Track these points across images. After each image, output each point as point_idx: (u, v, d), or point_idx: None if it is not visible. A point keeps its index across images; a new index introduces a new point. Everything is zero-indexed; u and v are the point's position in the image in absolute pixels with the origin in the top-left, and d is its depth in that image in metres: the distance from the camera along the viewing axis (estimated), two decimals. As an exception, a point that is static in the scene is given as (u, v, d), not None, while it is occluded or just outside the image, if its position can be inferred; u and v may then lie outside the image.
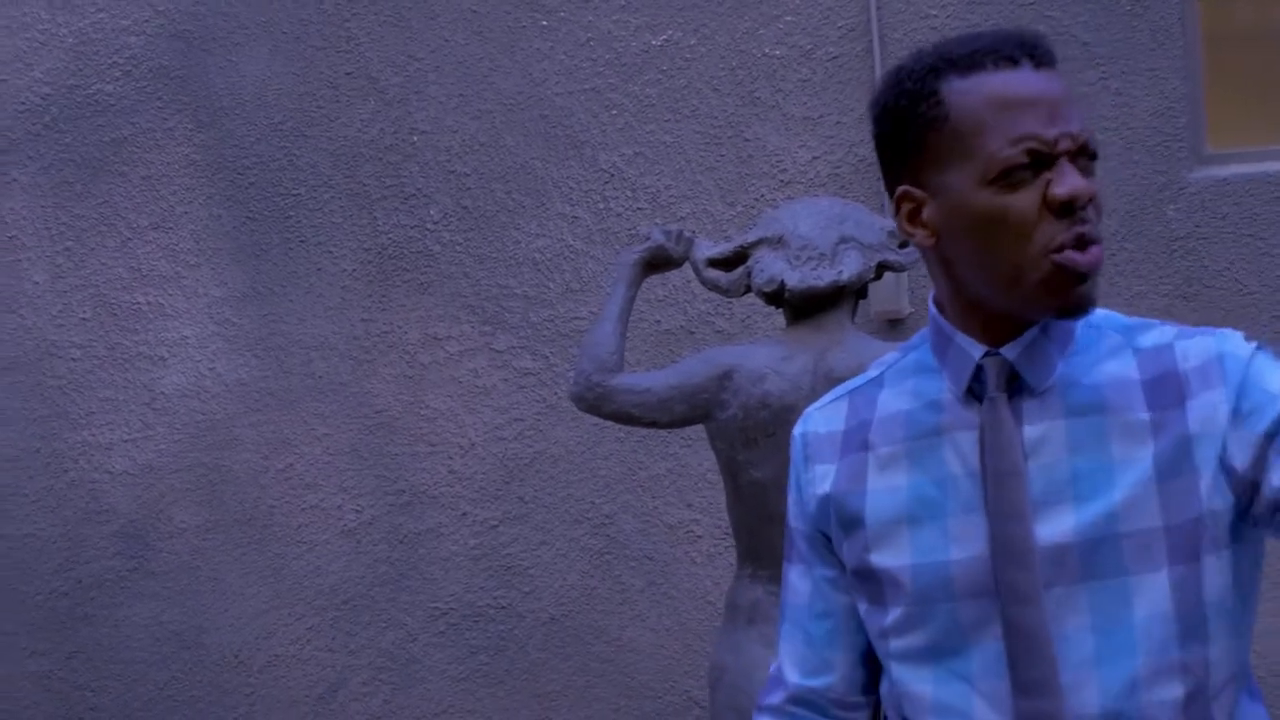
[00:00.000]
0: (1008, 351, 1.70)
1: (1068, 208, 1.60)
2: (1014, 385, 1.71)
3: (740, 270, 3.78)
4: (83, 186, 6.29)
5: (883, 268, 3.72)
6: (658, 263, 3.88)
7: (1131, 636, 1.63)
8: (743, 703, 3.59)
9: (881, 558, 1.75)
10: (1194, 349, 1.68)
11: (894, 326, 5.77)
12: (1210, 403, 1.65)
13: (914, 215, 1.71)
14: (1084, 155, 1.64)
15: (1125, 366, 1.70)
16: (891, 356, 1.86)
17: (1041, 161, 1.62)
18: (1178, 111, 5.66)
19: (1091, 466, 1.66)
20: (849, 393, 1.87)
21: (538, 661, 6.05)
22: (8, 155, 6.33)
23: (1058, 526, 1.65)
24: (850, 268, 3.62)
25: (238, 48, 6.18)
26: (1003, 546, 1.66)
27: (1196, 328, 1.72)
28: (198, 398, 6.21)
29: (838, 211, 3.69)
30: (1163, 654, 1.62)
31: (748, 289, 3.78)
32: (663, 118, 5.93)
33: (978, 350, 1.72)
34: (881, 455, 1.78)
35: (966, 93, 1.65)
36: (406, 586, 6.11)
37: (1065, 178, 1.61)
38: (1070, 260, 1.60)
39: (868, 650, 1.90)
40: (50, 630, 6.34)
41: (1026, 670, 1.64)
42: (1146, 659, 1.62)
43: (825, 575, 1.88)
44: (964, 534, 1.70)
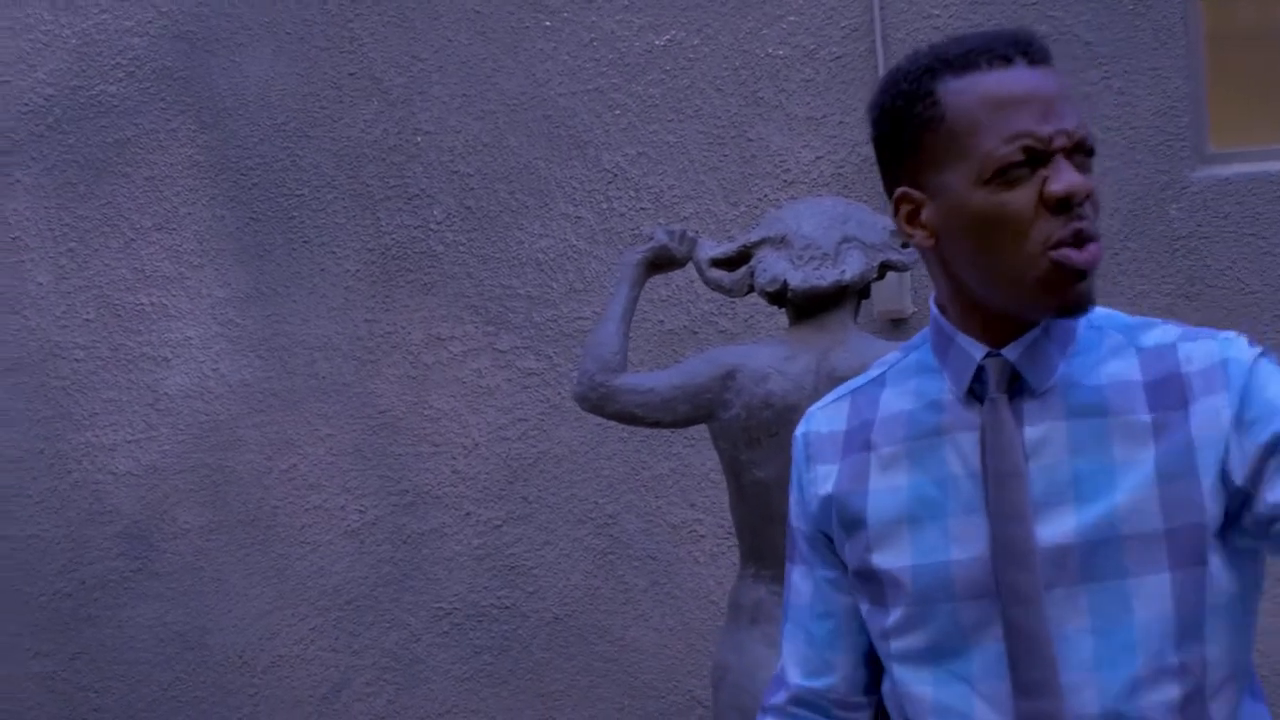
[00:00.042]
0: (1009, 352, 1.70)
1: (1065, 204, 1.60)
2: (1015, 386, 1.71)
3: (743, 270, 3.77)
4: (86, 187, 6.28)
5: (885, 267, 3.70)
6: (661, 263, 3.87)
7: (1131, 638, 1.63)
8: (746, 702, 3.58)
9: (883, 558, 1.75)
10: (1198, 352, 1.68)
11: (897, 326, 5.75)
12: (1213, 408, 1.64)
13: (913, 216, 1.71)
14: (1080, 151, 1.64)
15: (1128, 367, 1.69)
16: (893, 356, 1.85)
17: (1037, 159, 1.62)
18: (1180, 111, 5.64)
19: (1092, 468, 1.66)
20: (851, 392, 1.87)
21: (541, 661, 6.04)
22: (11, 156, 6.32)
23: (1058, 528, 1.65)
24: (853, 267, 3.61)
25: (241, 48, 6.17)
26: (1003, 547, 1.66)
27: (1201, 329, 1.72)
28: (201, 398, 6.21)
29: (840, 211, 3.68)
30: (1162, 656, 1.62)
31: (751, 289, 3.77)
32: (666, 118, 5.92)
33: (979, 351, 1.72)
34: (883, 455, 1.78)
35: (961, 92, 1.65)
36: (410, 587, 6.10)
37: (1061, 174, 1.60)
38: (1067, 258, 1.60)
39: (870, 650, 1.89)
40: (54, 631, 6.33)
41: (1027, 671, 1.64)
42: (1146, 660, 1.62)
43: (826, 576, 1.88)
44: (965, 535, 1.70)
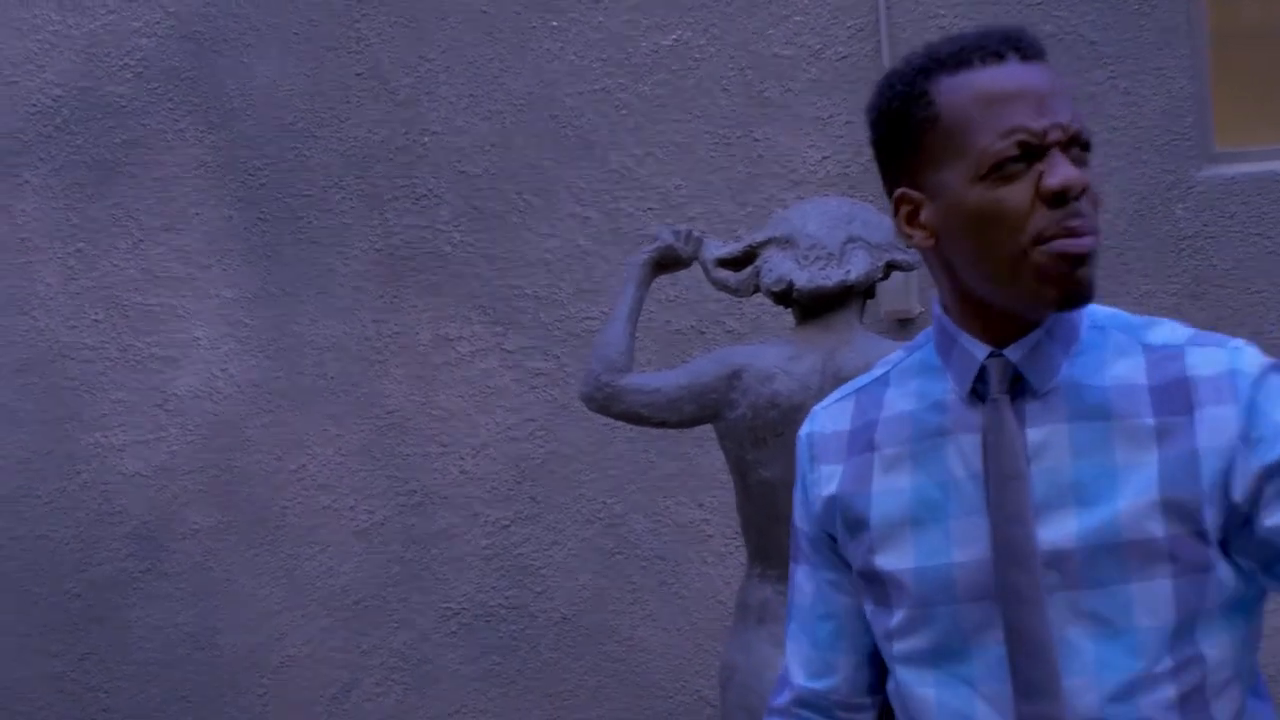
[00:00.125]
0: (1011, 353, 1.70)
1: (1060, 198, 1.60)
2: (1018, 386, 1.70)
3: (749, 270, 3.77)
4: (94, 188, 6.27)
5: (891, 267, 3.69)
6: (667, 263, 3.88)
7: (1133, 643, 1.63)
8: (753, 702, 3.59)
9: (886, 560, 1.75)
10: (1206, 359, 1.67)
11: (903, 326, 5.75)
12: (1220, 418, 1.63)
13: (912, 217, 1.72)
14: (1076, 145, 1.64)
15: (1133, 367, 1.69)
16: (896, 355, 1.85)
17: (1032, 153, 1.62)
18: (1185, 110, 5.63)
19: (1095, 472, 1.65)
20: (855, 392, 1.86)
21: (549, 661, 6.04)
22: (19, 157, 6.32)
23: (1060, 531, 1.65)
24: (858, 267, 3.61)
25: (249, 49, 6.17)
26: (1004, 549, 1.65)
27: (1210, 334, 1.71)
28: (210, 399, 6.21)
29: (846, 211, 3.68)
30: (1163, 659, 1.62)
31: (756, 289, 3.77)
32: (673, 118, 5.92)
33: (981, 351, 1.71)
34: (886, 456, 1.78)
35: (955, 91, 1.65)
36: (419, 587, 6.10)
37: (1057, 168, 1.61)
38: (1063, 246, 1.60)
39: (873, 651, 1.90)
40: (63, 632, 6.32)
41: (1027, 673, 1.64)
42: (1147, 664, 1.62)
43: (828, 578, 1.88)
44: (966, 537, 1.70)
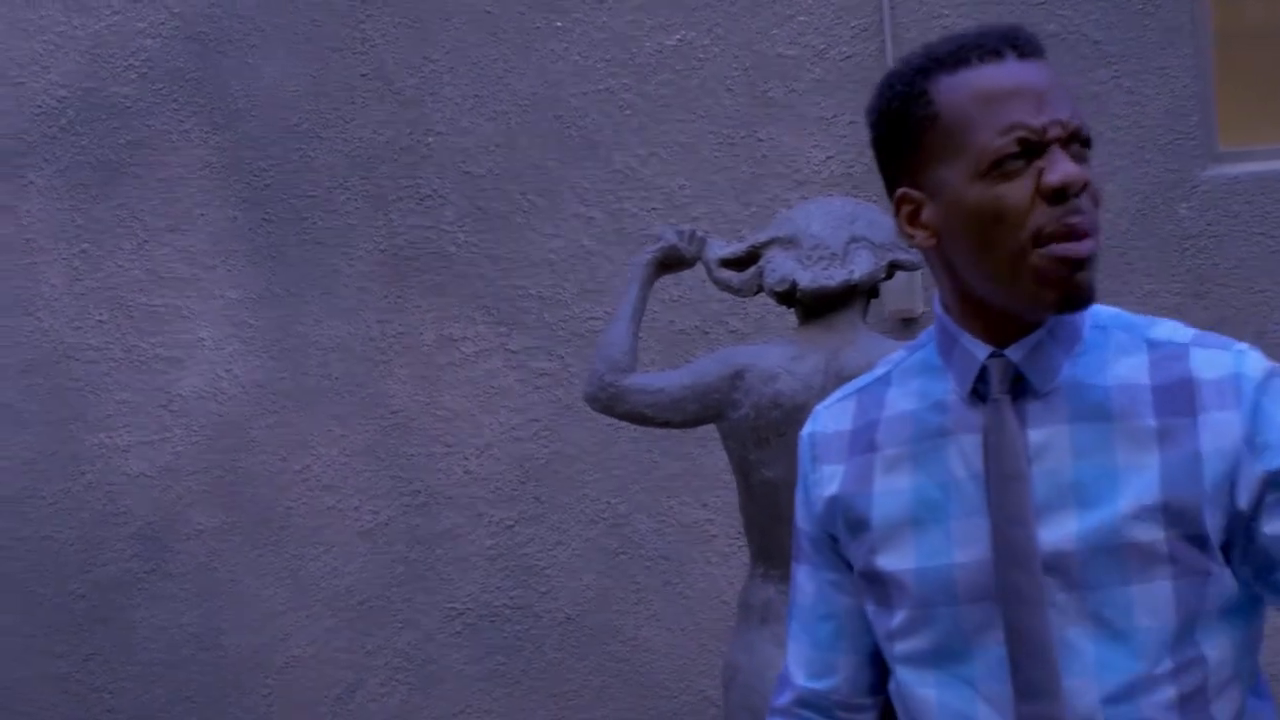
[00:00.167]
0: (1012, 353, 1.70)
1: (1061, 194, 1.60)
2: (1019, 387, 1.70)
3: (752, 270, 3.78)
4: (99, 189, 6.28)
5: (894, 267, 3.69)
6: (670, 263, 3.89)
7: (1133, 644, 1.63)
8: (756, 702, 3.60)
9: (887, 560, 1.75)
10: (1210, 361, 1.67)
11: (907, 326, 5.76)
12: (1224, 423, 1.64)
13: (914, 217, 1.72)
14: (1076, 142, 1.64)
15: (1136, 366, 1.69)
16: (898, 355, 1.85)
17: (1032, 150, 1.62)
18: (1189, 110, 5.64)
19: (1095, 473, 1.65)
20: (857, 391, 1.87)
21: (554, 661, 6.05)
22: (24, 158, 6.33)
23: (1060, 532, 1.65)
24: (861, 267, 3.62)
25: (253, 50, 6.18)
26: (1005, 550, 1.66)
27: (1214, 335, 1.72)
28: (214, 399, 6.22)
29: (849, 211, 3.69)
30: (1163, 660, 1.63)
31: (760, 289, 3.77)
32: (677, 118, 5.93)
33: (982, 351, 1.71)
34: (888, 457, 1.78)
35: (954, 89, 1.66)
36: (423, 587, 6.11)
37: (1057, 165, 1.61)
38: (1063, 250, 1.60)
39: (874, 651, 1.90)
40: (68, 632, 6.33)
41: (1027, 674, 1.64)
42: (1147, 665, 1.63)
43: (829, 578, 1.89)
44: (967, 538, 1.70)
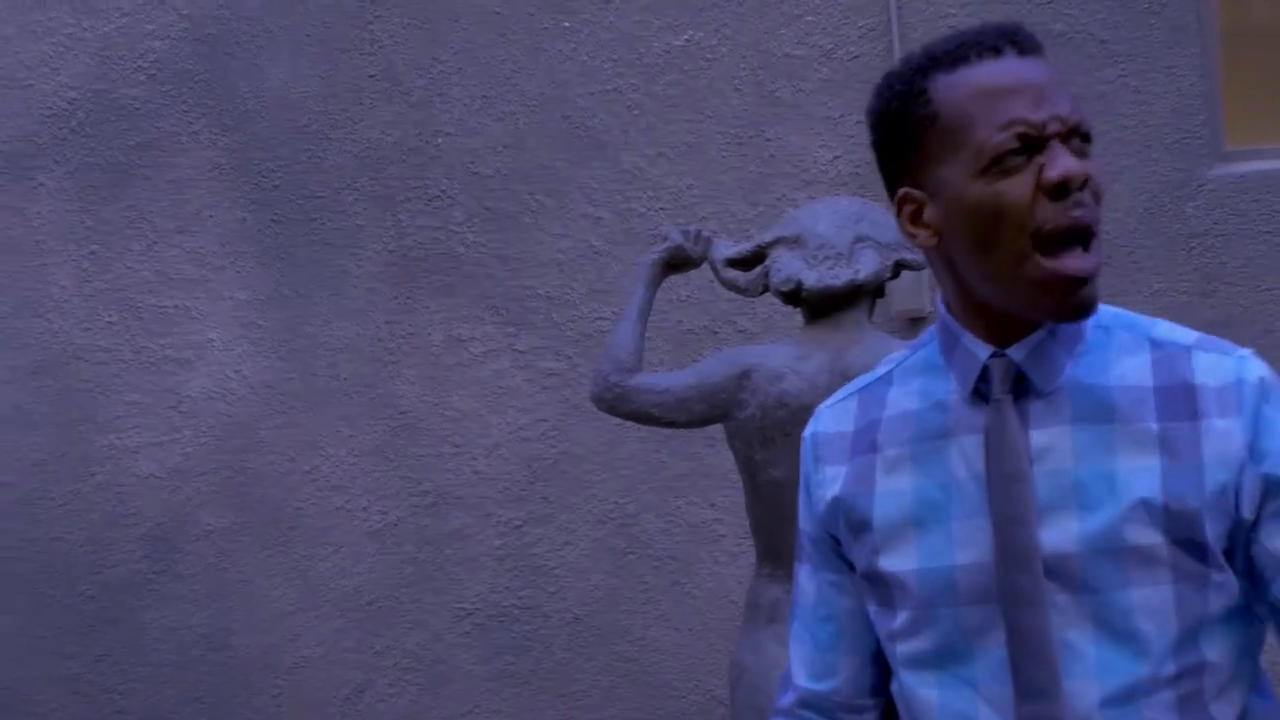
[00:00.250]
0: (1014, 353, 1.70)
1: (1062, 189, 1.61)
2: (1021, 386, 1.71)
3: (758, 270, 3.79)
4: (108, 190, 6.32)
5: (900, 266, 3.72)
6: (677, 263, 3.91)
7: (1134, 646, 1.63)
8: (762, 702, 3.61)
9: (889, 561, 1.76)
10: (1212, 366, 1.68)
11: (915, 325, 5.78)
12: (1225, 431, 1.65)
13: (915, 216, 1.72)
14: (1076, 137, 1.64)
15: (1139, 367, 1.70)
16: (900, 354, 1.86)
17: (1032, 145, 1.63)
18: (1196, 109, 5.65)
19: (1096, 475, 1.66)
20: (859, 391, 1.87)
21: (563, 661, 6.06)
22: (34, 160, 6.36)
23: (1061, 534, 1.65)
24: (867, 267, 3.63)
25: (262, 51, 6.22)
26: (1006, 550, 1.66)
27: (1216, 339, 1.72)
28: (224, 400, 6.25)
29: (855, 211, 3.70)
30: (1164, 663, 1.63)
31: (765, 289, 3.79)
32: (685, 118, 5.95)
33: (984, 351, 1.72)
34: (889, 457, 1.78)
35: (953, 87, 1.66)
36: (432, 587, 6.14)
37: (1057, 160, 1.61)
38: (1066, 269, 1.61)
39: (875, 652, 1.90)
40: (78, 633, 6.36)
41: (1028, 675, 1.65)
42: (1148, 667, 1.63)
43: (830, 579, 1.89)
44: (968, 539, 1.70)
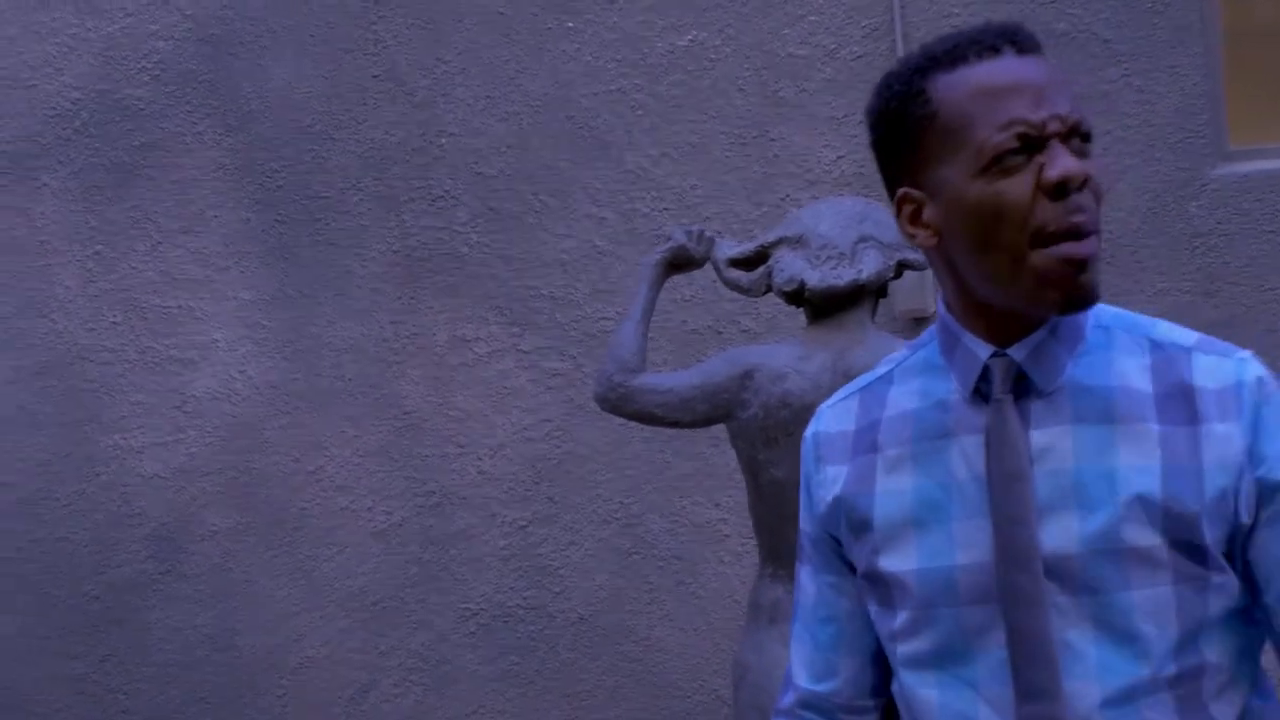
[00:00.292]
0: (1015, 352, 1.70)
1: (1061, 189, 1.61)
2: (1022, 386, 1.71)
3: (761, 270, 3.80)
4: (112, 191, 6.33)
5: (903, 266, 3.72)
6: (679, 263, 3.92)
7: (1134, 647, 1.64)
8: (765, 702, 3.62)
9: (889, 561, 1.76)
10: (1212, 368, 1.69)
11: (919, 325, 5.78)
12: (1225, 435, 1.65)
13: (915, 216, 1.72)
14: (1076, 136, 1.64)
15: (1139, 368, 1.70)
16: (901, 353, 1.86)
17: (1033, 145, 1.62)
18: (1199, 108, 5.65)
19: (1097, 476, 1.66)
20: (860, 390, 1.87)
21: (567, 661, 6.08)
22: (38, 160, 6.38)
23: (1062, 535, 1.66)
24: (870, 267, 3.64)
25: (265, 51, 6.23)
26: (1006, 550, 1.66)
27: (1216, 341, 1.73)
28: (228, 401, 6.26)
29: (858, 211, 3.70)
30: (1164, 664, 1.64)
31: (768, 289, 3.80)
32: (688, 118, 5.96)
33: (985, 351, 1.72)
34: (889, 457, 1.78)
35: (952, 87, 1.66)
36: (436, 588, 6.15)
37: (1057, 159, 1.61)
38: (1065, 251, 1.61)
39: (875, 653, 1.91)
40: (83, 634, 6.38)
41: (1028, 675, 1.65)
42: (1148, 668, 1.63)
43: (829, 580, 1.90)
44: (969, 539, 1.70)
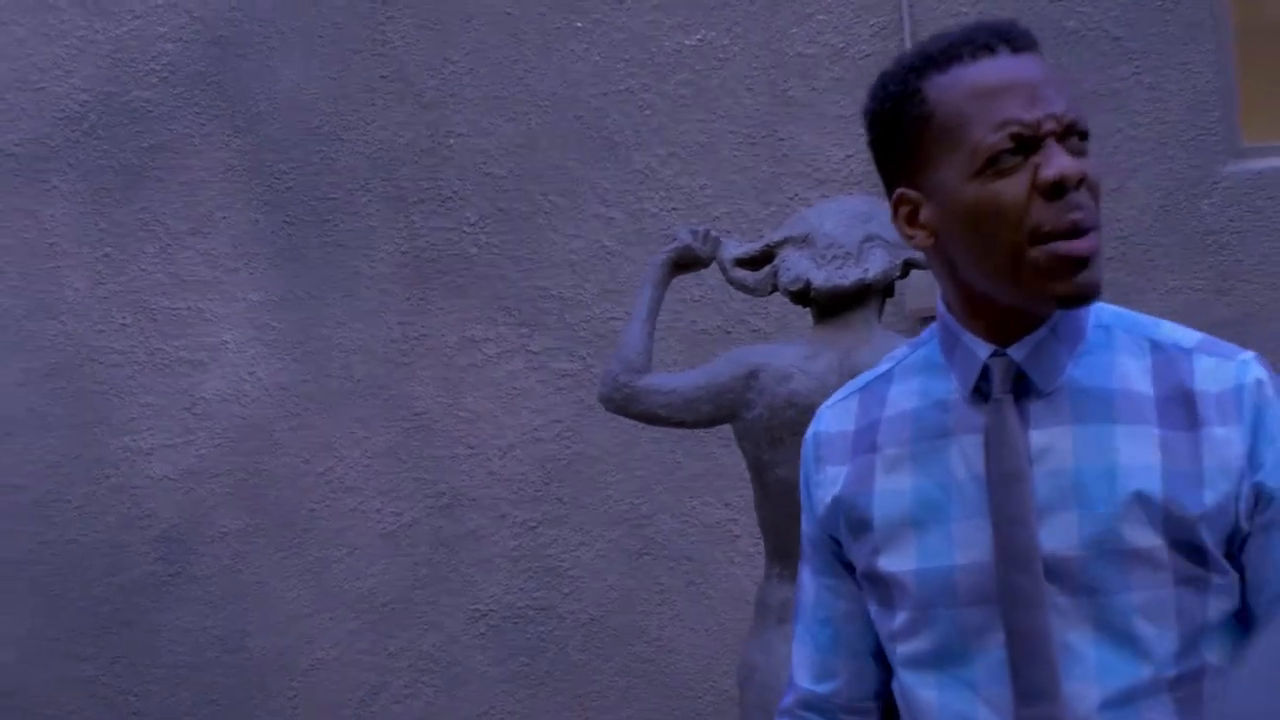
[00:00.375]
0: (1015, 352, 1.70)
1: (1058, 189, 1.60)
2: (1021, 386, 1.71)
3: (767, 270, 3.80)
4: (121, 193, 6.35)
5: (909, 266, 3.72)
6: (685, 263, 3.92)
7: (1134, 649, 1.63)
8: (771, 701, 3.62)
9: (889, 561, 1.76)
10: (1213, 371, 1.69)
11: (928, 324, 5.77)
12: (1225, 439, 1.65)
13: (912, 217, 1.72)
14: (1073, 135, 1.63)
15: (1140, 369, 1.70)
16: (901, 351, 1.86)
17: (1028, 145, 1.62)
18: (1211, 105, 5.65)
19: (1097, 475, 1.66)
20: (859, 390, 1.87)
21: (578, 662, 6.09)
22: (47, 162, 6.40)
23: (1062, 535, 1.65)
24: (876, 266, 3.64)
25: (274, 52, 6.25)
26: (1006, 551, 1.66)
27: (1219, 342, 1.72)
28: (237, 402, 6.28)
29: (864, 210, 3.70)
30: (1164, 666, 1.63)
31: (774, 288, 3.80)
32: (697, 118, 5.97)
33: (984, 350, 1.71)
34: (888, 457, 1.78)
35: (947, 87, 1.66)
36: (447, 589, 6.16)
37: (1053, 159, 1.60)
38: (1064, 249, 1.60)
39: (875, 654, 1.91)
40: (93, 635, 6.39)
41: (1028, 676, 1.65)
42: (1148, 670, 1.63)
43: (826, 583, 1.90)
44: (968, 539, 1.70)
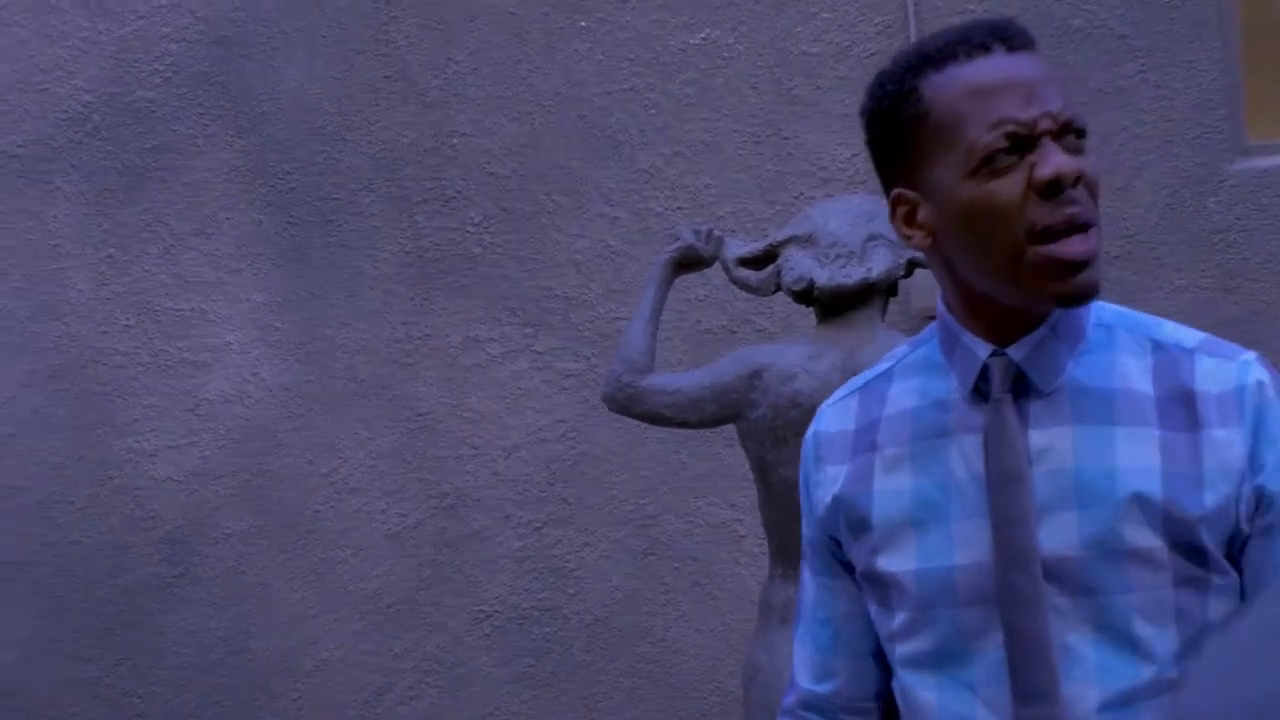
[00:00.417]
0: (1014, 351, 1.70)
1: (1054, 188, 1.60)
2: (1021, 386, 1.71)
3: (770, 269, 3.80)
4: (125, 194, 6.36)
5: (913, 265, 3.72)
6: (688, 262, 3.91)
7: (1133, 650, 1.64)
8: (775, 702, 3.61)
9: (888, 561, 1.76)
10: (1214, 371, 1.68)
11: (933, 323, 5.77)
12: (1226, 441, 1.65)
13: (910, 217, 1.71)
14: (1070, 134, 1.63)
15: (1140, 369, 1.70)
16: (901, 350, 1.86)
17: (1023, 144, 1.61)
18: (1217, 103, 5.65)
19: (1096, 476, 1.65)
20: (860, 389, 1.87)
21: (583, 663, 6.09)
22: (50, 163, 6.41)
23: (1061, 536, 1.65)
24: (879, 265, 3.64)
25: (277, 53, 6.26)
26: (1005, 551, 1.66)
27: (1221, 342, 1.72)
28: (241, 403, 6.29)
29: (868, 209, 3.70)
30: (1164, 667, 1.64)
31: (778, 288, 3.79)
32: (701, 117, 5.98)
33: (984, 350, 1.72)
34: (888, 456, 1.78)
35: (943, 86, 1.65)
36: (451, 590, 6.17)
37: (1049, 158, 1.60)
38: (1061, 251, 1.60)
39: (875, 655, 1.91)
40: (97, 637, 6.40)
41: (1027, 677, 1.65)
42: (1147, 671, 1.63)
43: (825, 583, 1.90)
44: (967, 539, 1.70)
